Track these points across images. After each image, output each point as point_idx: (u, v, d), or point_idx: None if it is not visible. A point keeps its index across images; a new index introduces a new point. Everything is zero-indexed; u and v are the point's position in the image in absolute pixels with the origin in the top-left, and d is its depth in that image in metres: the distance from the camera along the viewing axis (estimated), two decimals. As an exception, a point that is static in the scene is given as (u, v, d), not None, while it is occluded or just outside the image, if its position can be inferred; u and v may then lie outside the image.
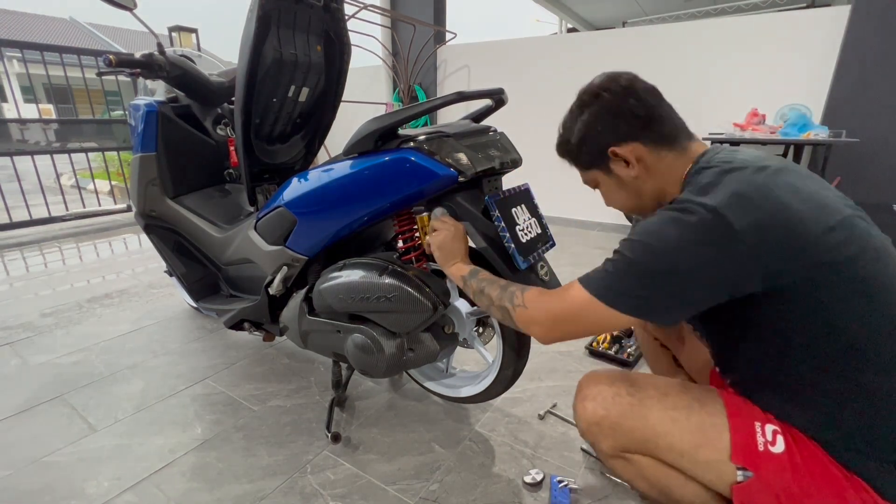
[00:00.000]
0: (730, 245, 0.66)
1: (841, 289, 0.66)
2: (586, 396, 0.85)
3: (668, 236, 0.69)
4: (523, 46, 3.98)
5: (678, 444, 0.77)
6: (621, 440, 0.82)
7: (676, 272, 0.69)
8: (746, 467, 0.73)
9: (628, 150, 0.81)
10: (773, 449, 0.73)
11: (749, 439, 0.74)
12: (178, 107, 1.68)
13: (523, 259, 1.02)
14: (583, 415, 0.85)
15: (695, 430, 0.77)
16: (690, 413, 0.78)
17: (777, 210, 0.66)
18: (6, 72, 3.92)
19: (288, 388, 1.53)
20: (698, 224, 0.67)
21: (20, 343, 1.80)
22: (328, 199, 1.17)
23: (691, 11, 7.46)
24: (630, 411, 0.80)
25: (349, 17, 3.60)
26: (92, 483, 1.12)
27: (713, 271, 0.68)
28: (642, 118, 0.80)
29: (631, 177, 0.84)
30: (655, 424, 0.79)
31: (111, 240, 3.34)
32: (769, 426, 0.75)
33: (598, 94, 0.82)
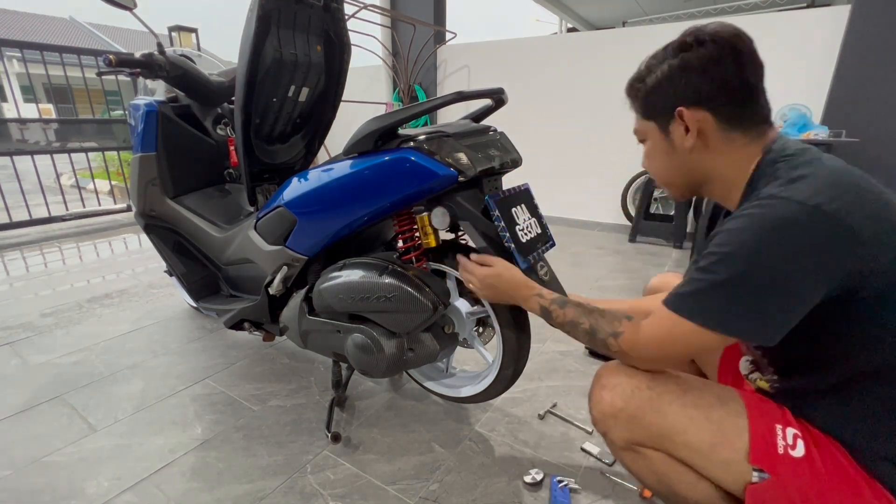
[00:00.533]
0: (837, 237, 0.60)
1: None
2: (605, 386, 0.82)
3: (772, 237, 0.61)
4: (523, 46, 3.98)
5: (695, 442, 0.75)
6: (637, 433, 0.79)
7: (783, 278, 0.62)
8: (764, 469, 0.71)
9: (695, 117, 0.72)
10: (793, 453, 0.71)
11: (769, 442, 0.72)
12: (178, 107, 1.68)
13: (523, 259, 1.02)
14: (599, 404, 0.82)
15: (714, 428, 0.75)
16: (710, 411, 0.76)
17: (877, 199, 0.62)
18: (6, 71, 3.92)
19: (288, 388, 1.53)
20: (800, 220, 0.60)
21: (20, 343, 1.80)
22: (328, 199, 1.17)
23: (691, 11, 7.46)
24: (649, 405, 0.77)
25: (349, 17, 3.60)
26: (92, 483, 1.12)
27: (823, 269, 0.61)
28: (729, 90, 0.70)
29: (684, 146, 0.75)
30: (674, 421, 0.76)
31: (111, 240, 3.34)
32: (790, 429, 0.73)
33: (699, 42, 0.70)
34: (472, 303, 1.24)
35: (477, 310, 1.22)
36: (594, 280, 2.56)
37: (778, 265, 0.61)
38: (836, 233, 0.60)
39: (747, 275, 0.63)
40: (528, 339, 1.20)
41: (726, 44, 0.69)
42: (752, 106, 0.72)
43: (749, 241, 0.63)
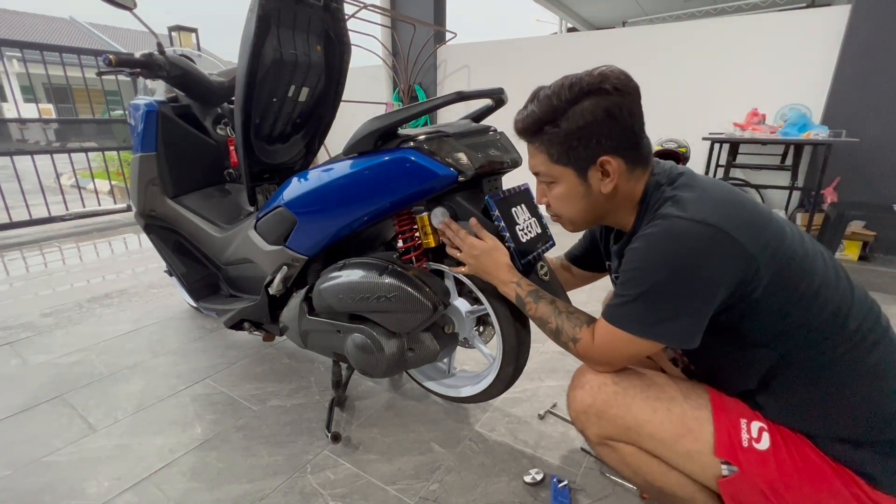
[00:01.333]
0: (729, 248, 0.69)
1: (794, 283, 0.71)
2: (577, 385, 0.89)
3: (677, 252, 0.70)
4: (523, 46, 3.98)
5: (658, 433, 0.79)
6: (606, 428, 0.84)
7: (691, 287, 0.70)
8: (730, 462, 0.74)
9: (616, 164, 0.78)
10: (758, 445, 0.74)
11: (733, 435, 0.76)
12: (178, 107, 1.68)
13: (523, 259, 1.02)
14: (572, 403, 0.89)
15: (676, 420, 0.79)
16: (672, 404, 0.80)
17: (752, 212, 0.72)
18: (6, 71, 3.92)
19: (288, 388, 1.53)
20: (699, 236, 0.69)
21: (20, 343, 1.80)
22: (328, 199, 1.17)
23: (691, 11, 7.46)
24: (613, 399, 0.83)
25: (349, 17, 3.60)
26: (92, 483, 1.12)
27: (721, 276, 0.70)
28: (636, 135, 0.78)
29: (601, 191, 0.80)
30: (637, 413, 0.81)
31: (111, 240, 3.34)
32: (756, 423, 0.76)
33: (614, 89, 0.74)
34: (472, 302, 1.24)
35: (477, 309, 1.22)
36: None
37: (679, 274, 0.70)
38: (720, 240, 0.68)
39: (655, 287, 0.72)
40: (528, 337, 1.20)
41: (636, 93, 0.77)
42: (646, 142, 0.81)
43: (651, 257, 0.73)
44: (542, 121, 0.79)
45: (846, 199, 2.80)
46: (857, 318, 0.72)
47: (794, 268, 0.71)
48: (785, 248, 0.71)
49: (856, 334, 0.71)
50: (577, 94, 0.75)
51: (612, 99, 0.74)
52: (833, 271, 0.75)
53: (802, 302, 0.71)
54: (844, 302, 0.72)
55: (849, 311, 0.72)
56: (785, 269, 0.71)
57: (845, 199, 2.79)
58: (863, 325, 0.72)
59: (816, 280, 0.72)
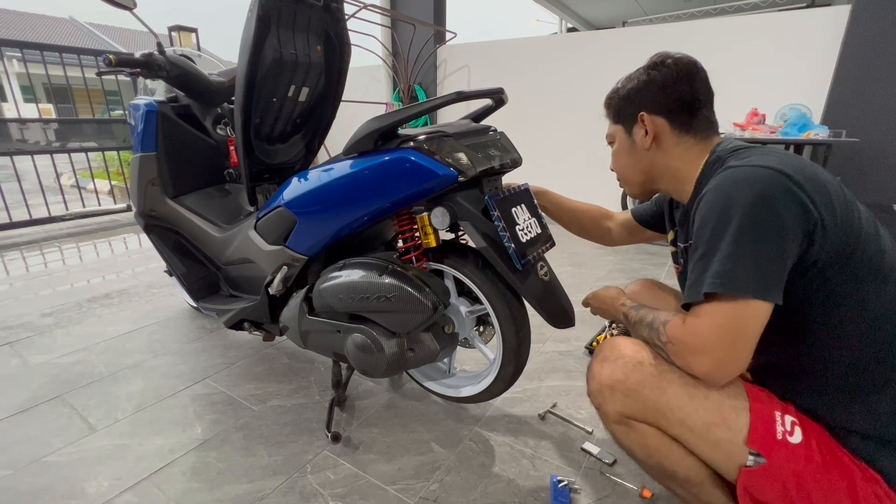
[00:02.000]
0: (801, 196, 0.66)
1: (863, 267, 0.68)
2: (606, 358, 0.84)
3: (756, 195, 0.67)
4: (523, 46, 3.98)
5: (690, 420, 0.77)
6: (633, 407, 0.80)
7: (779, 231, 0.66)
8: (760, 453, 0.73)
9: (653, 121, 0.86)
10: (791, 439, 0.73)
11: (769, 426, 0.74)
12: (178, 106, 1.68)
13: (523, 259, 1.02)
14: (598, 375, 0.84)
15: (712, 408, 0.76)
16: (710, 391, 0.77)
17: (822, 177, 0.70)
18: (6, 71, 3.92)
19: (288, 388, 1.53)
20: (773, 180, 0.67)
21: (20, 343, 1.80)
22: (328, 199, 1.17)
23: (691, 11, 7.46)
24: (650, 381, 0.79)
25: (349, 17, 3.60)
26: (92, 483, 1.12)
27: (797, 225, 0.66)
28: (683, 103, 0.85)
29: (643, 146, 0.89)
30: (671, 398, 0.77)
31: (111, 240, 3.34)
32: (788, 417, 0.75)
33: (663, 63, 0.86)
34: (472, 302, 1.24)
35: (477, 309, 1.23)
36: (594, 280, 2.56)
37: (759, 210, 0.67)
38: (786, 184, 0.67)
39: (742, 228, 0.67)
40: (528, 337, 1.20)
41: (684, 68, 0.85)
42: (700, 117, 0.86)
43: (724, 202, 0.70)
44: (612, 92, 0.94)
45: (846, 199, 2.80)
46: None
47: (862, 245, 0.68)
48: (855, 223, 0.69)
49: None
50: (639, 70, 0.89)
51: (660, 71, 0.85)
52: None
53: (866, 285, 0.68)
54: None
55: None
56: (852, 242, 0.68)
57: (845, 199, 2.79)
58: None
59: (886, 265, 0.69)
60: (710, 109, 0.87)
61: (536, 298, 1.06)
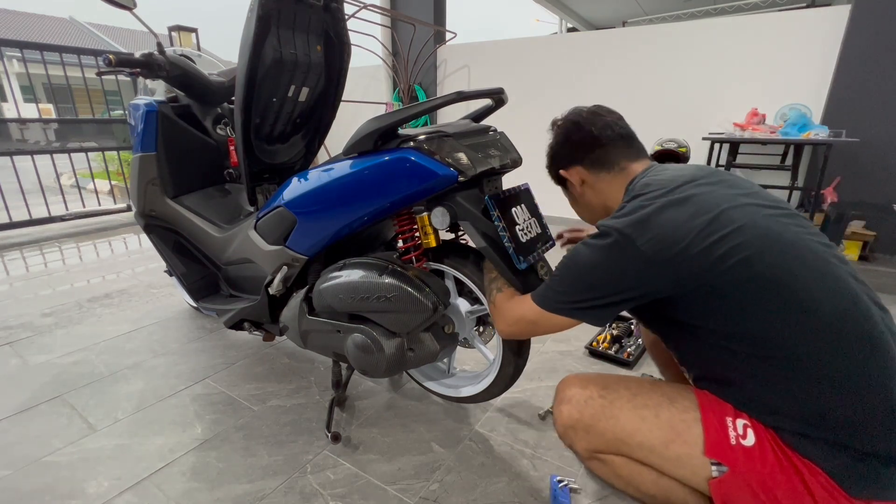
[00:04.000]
0: (635, 258, 0.76)
1: (743, 287, 0.72)
2: (561, 400, 0.91)
3: (589, 256, 0.81)
4: (523, 46, 3.97)
5: (648, 441, 0.80)
6: (595, 441, 0.86)
7: (597, 284, 0.81)
8: (721, 462, 0.75)
9: (574, 173, 0.99)
10: (745, 442, 0.75)
11: (721, 434, 0.76)
12: (178, 106, 1.68)
13: (522, 259, 1.02)
14: (559, 418, 0.90)
15: (664, 426, 0.80)
16: (660, 410, 0.81)
17: (668, 227, 0.75)
18: (6, 71, 3.92)
19: (288, 388, 1.53)
20: (612, 244, 0.78)
21: (20, 343, 1.80)
22: (328, 199, 1.17)
23: (691, 11, 7.46)
24: (601, 413, 0.84)
25: (349, 17, 3.60)
26: (92, 483, 1.12)
27: (627, 280, 0.78)
28: (584, 146, 0.95)
29: (579, 194, 1.01)
30: (625, 424, 0.82)
31: (111, 240, 3.34)
32: (739, 420, 0.77)
33: (553, 125, 1.01)
34: (472, 302, 1.24)
35: (477, 309, 1.22)
36: (594, 280, 2.55)
37: (591, 274, 0.81)
38: (628, 248, 0.76)
39: (574, 281, 0.84)
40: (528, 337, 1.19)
41: (569, 120, 0.99)
42: (607, 150, 0.94)
43: (576, 257, 0.84)
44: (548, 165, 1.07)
45: (846, 199, 2.80)
46: (846, 322, 0.69)
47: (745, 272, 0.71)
48: (725, 254, 0.71)
49: (839, 337, 0.69)
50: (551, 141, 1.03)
51: (553, 131, 1.02)
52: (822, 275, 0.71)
53: (762, 306, 0.71)
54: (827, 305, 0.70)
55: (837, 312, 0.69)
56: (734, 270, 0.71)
57: (845, 199, 2.79)
58: (853, 331, 0.69)
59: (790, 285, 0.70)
60: (620, 144, 0.94)
61: (536, 298, 1.06)
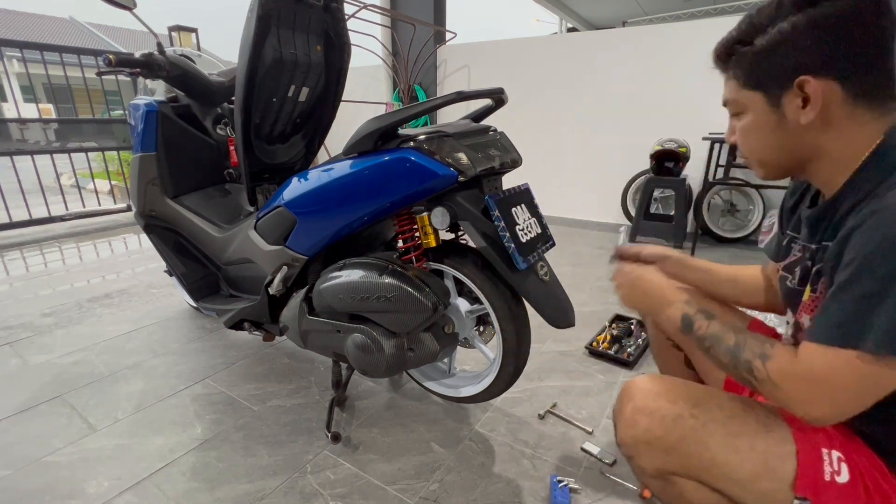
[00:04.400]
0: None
1: None
2: (641, 410, 0.74)
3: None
4: (523, 46, 3.98)
5: (736, 474, 0.69)
6: (672, 463, 0.72)
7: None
8: (807, 497, 0.65)
9: (821, 88, 0.59)
10: (839, 479, 0.66)
11: (816, 469, 0.66)
12: (178, 106, 1.68)
13: (523, 259, 1.02)
14: (632, 428, 0.74)
15: (758, 460, 0.68)
16: (755, 441, 0.69)
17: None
18: (6, 71, 3.92)
19: (288, 388, 1.53)
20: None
21: (20, 343, 1.80)
22: (328, 199, 1.17)
23: (691, 11, 7.47)
24: (692, 436, 0.70)
25: (349, 17, 3.60)
26: (92, 483, 1.12)
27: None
28: (866, 53, 0.58)
29: (799, 122, 0.62)
30: (716, 452, 0.69)
31: (111, 240, 3.34)
32: (835, 452, 0.67)
33: None
34: (472, 302, 1.24)
35: (477, 309, 1.22)
36: (594, 280, 2.55)
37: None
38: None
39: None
40: (528, 336, 1.20)
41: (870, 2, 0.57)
42: (884, 74, 0.59)
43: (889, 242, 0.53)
44: (733, 41, 0.66)
45: (846, 199, 2.80)
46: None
47: None
48: None
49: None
50: (785, 7, 0.60)
51: (833, 6, 0.57)
52: None
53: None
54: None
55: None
56: None
57: (845, 199, 2.79)
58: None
59: None
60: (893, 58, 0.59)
61: (536, 298, 1.06)
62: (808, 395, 0.60)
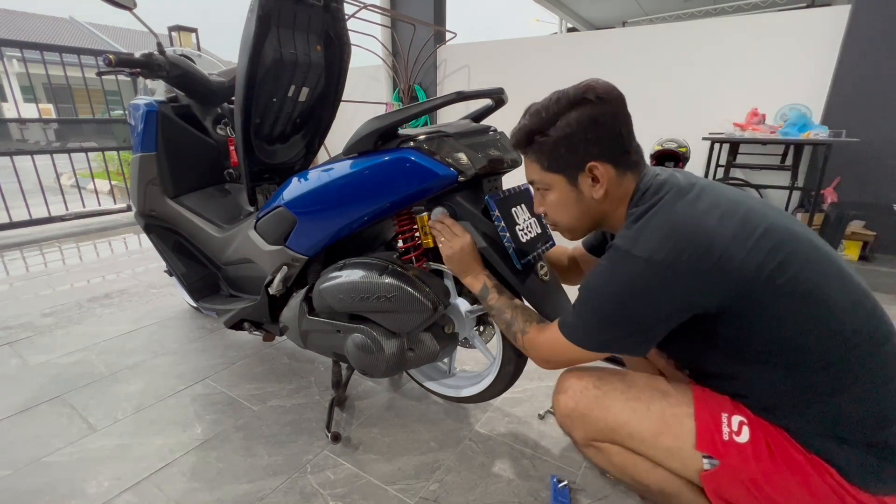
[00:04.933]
0: (673, 283, 0.72)
1: (778, 298, 0.71)
2: (560, 390, 0.94)
3: (621, 287, 0.76)
4: (523, 46, 3.98)
5: (638, 432, 0.83)
6: (589, 430, 0.89)
7: (635, 316, 0.77)
8: (712, 455, 0.77)
9: (604, 170, 0.81)
10: (738, 439, 0.77)
11: (714, 429, 0.78)
12: (178, 107, 1.68)
13: (523, 259, 1.02)
14: (557, 407, 0.94)
15: (655, 418, 0.82)
16: (651, 403, 0.84)
17: (704, 241, 0.71)
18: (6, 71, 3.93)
19: (288, 388, 1.53)
20: (642, 273, 0.74)
21: (20, 343, 1.80)
22: (328, 199, 1.17)
23: (691, 11, 7.46)
24: (595, 403, 0.87)
25: (349, 17, 3.60)
26: (92, 483, 1.12)
27: (666, 307, 0.75)
28: (624, 141, 0.81)
29: (592, 196, 0.83)
30: (617, 414, 0.85)
31: (111, 240, 3.34)
32: (736, 417, 0.79)
33: (597, 98, 0.78)
34: (472, 302, 1.24)
35: (477, 308, 1.22)
36: (594, 280, 2.55)
37: (624, 304, 0.77)
38: (664, 275, 0.72)
39: (602, 311, 0.80)
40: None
41: (616, 101, 0.80)
42: (636, 148, 0.83)
43: (602, 286, 0.80)
44: (532, 132, 0.84)
45: (846, 199, 2.80)
46: (860, 320, 0.71)
47: (787, 282, 0.70)
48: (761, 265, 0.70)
49: (856, 336, 0.71)
50: (563, 105, 0.80)
51: (597, 107, 0.78)
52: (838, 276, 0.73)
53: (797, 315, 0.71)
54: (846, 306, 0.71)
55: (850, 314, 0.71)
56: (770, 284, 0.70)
57: (845, 199, 2.79)
58: (865, 328, 0.71)
59: (820, 291, 0.70)
60: (634, 137, 0.83)
61: (536, 298, 1.06)
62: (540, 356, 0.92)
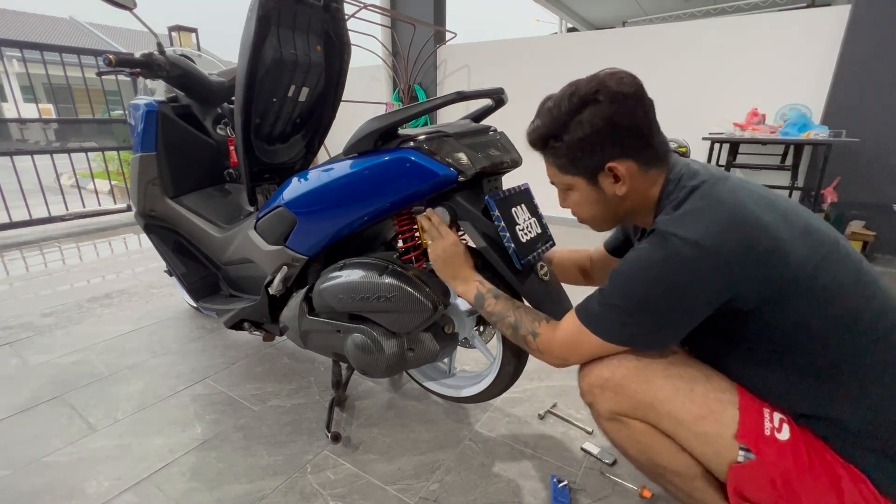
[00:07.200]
0: (721, 267, 0.69)
1: (813, 295, 0.69)
2: (595, 362, 0.86)
3: (661, 271, 0.72)
4: (523, 46, 3.98)
5: (679, 412, 0.77)
6: (622, 403, 0.82)
7: (672, 303, 0.73)
8: (750, 448, 0.73)
9: (625, 168, 0.78)
10: (779, 436, 0.73)
11: (757, 422, 0.74)
12: (178, 107, 1.68)
13: (523, 259, 1.02)
14: (588, 375, 0.86)
15: (699, 400, 0.77)
16: (696, 384, 0.78)
17: (756, 228, 0.69)
18: (6, 71, 3.92)
19: (288, 388, 1.53)
20: (690, 256, 0.69)
21: (20, 343, 1.80)
22: (328, 199, 1.17)
23: (691, 11, 7.46)
24: (635, 374, 0.80)
25: (349, 17, 3.60)
26: (92, 483, 1.12)
27: (706, 294, 0.71)
28: (644, 136, 0.78)
29: (615, 194, 0.81)
30: (658, 390, 0.78)
31: (111, 240, 3.34)
32: (777, 414, 0.75)
33: (610, 98, 0.75)
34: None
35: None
36: (594, 280, 2.55)
37: (661, 299, 0.73)
38: (706, 262, 0.69)
39: (636, 302, 0.75)
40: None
41: (631, 96, 0.76)
42: (661, 141, 0.80)
43: (637, 273, 0.75)
44: (546, 136, 0.83)
45: (846, 199, 2.80)
46: (889, 325, 0.70)
47: (818, 279, 0.68)
48: (806, 258, 0.69)
49: (881, 341, 0.70)
50: (575, 104, 0.77)
51: (612, 106, 0.75)
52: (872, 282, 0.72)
53: (824, 317, 0.70)
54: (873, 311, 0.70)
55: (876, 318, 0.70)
56: (804, 282, 0.68)
57: (845, 199, 2.79)
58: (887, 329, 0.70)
59: (851, 297, 0.70)
60: (659, 127, 0.80)
61: (536, 298, 1.06)
62: (558, 355, 0.87)
